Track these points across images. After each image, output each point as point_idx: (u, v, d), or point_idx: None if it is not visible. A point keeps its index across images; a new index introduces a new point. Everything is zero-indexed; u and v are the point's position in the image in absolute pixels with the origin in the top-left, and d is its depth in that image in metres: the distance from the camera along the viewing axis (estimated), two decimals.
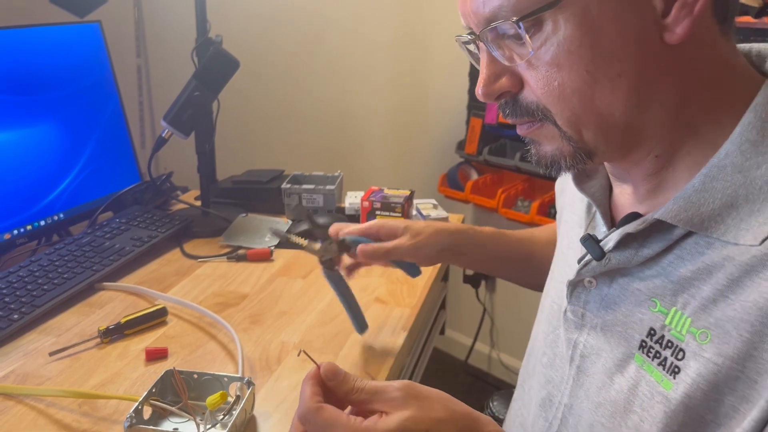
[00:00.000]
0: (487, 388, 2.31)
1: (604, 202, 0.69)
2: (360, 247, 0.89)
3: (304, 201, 1.44)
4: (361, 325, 0.93)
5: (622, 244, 0.61)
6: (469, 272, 2.25)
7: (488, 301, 2.31)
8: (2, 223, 1.20)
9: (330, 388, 0.54)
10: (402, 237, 0.90)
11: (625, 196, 0.66)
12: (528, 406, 0.77)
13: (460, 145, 2.06)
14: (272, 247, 1.28)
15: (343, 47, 2.22)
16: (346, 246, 0.91)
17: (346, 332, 0.99)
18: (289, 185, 1.44)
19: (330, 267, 0.91)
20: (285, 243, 1.28)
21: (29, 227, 1.25)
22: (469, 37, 0.61)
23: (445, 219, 1.41)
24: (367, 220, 1.29)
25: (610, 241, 0.62)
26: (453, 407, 0.54)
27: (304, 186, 1.44)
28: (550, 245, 0.88)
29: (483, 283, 2.28)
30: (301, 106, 2.34)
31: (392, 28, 2.15)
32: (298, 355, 0.91)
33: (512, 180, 2.03)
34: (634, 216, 0.62)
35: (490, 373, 2.39)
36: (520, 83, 0.59)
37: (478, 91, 0.61)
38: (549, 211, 1.84)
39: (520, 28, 0.54)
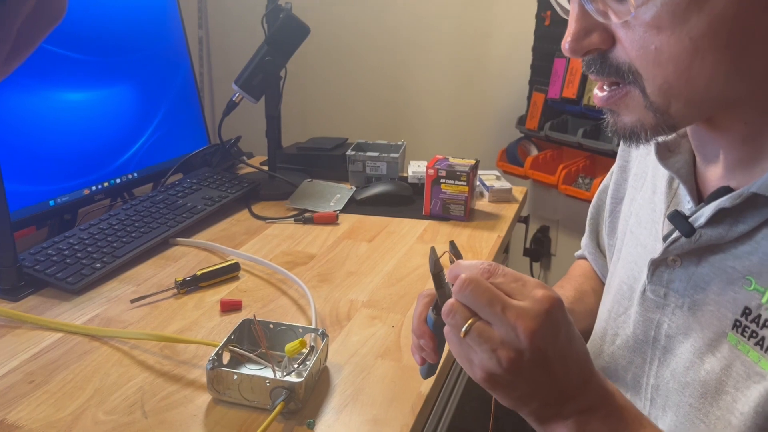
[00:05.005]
0: None
1: (690, 177, 0.65)
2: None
3: (367, 168, 1.46)
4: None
5: (715, 219, 0.57)
6: (529, 246, 2.24)
7: (542, 277, 2.30)
8: (82, 179, 1.25)
9: None
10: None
11: (712, 170, 0.62)
12: None
13: (521, 120, 2.04)
14: (338, 211, 1.30)
15: (405, 19, 2.22)
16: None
17: (412, 294, 1.00)
18: (353, 152, 1.46)
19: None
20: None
21: (106, 184, 1.30)
22: None
23: (509, 190, 1.41)
24: (432, 188, 1.29)
25: (701, 216, 0.58)
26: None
27: (369, 153, 1.46)
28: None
29: (541, 260, 2.27)
30: (363, 76, 2.35)
31: (454, 1, 2.13)
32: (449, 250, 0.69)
33: (573, 157, 2.00)
34: (724, 190, 0.58)
35: None
36: (611, 40, 0.55)
37: (565, 45, 0.57)
38: None
39: None
